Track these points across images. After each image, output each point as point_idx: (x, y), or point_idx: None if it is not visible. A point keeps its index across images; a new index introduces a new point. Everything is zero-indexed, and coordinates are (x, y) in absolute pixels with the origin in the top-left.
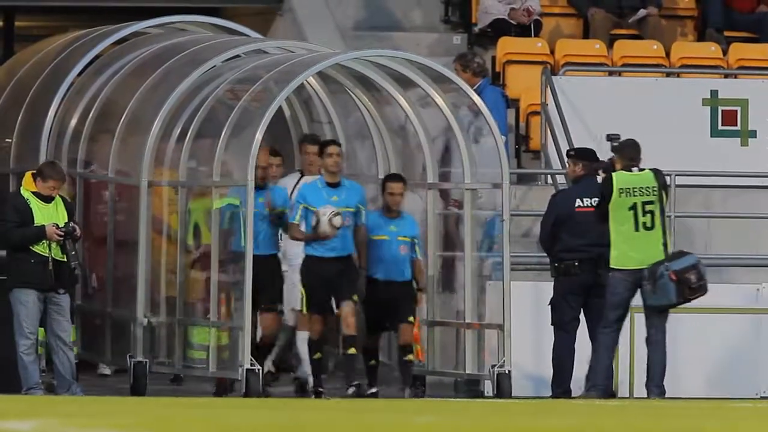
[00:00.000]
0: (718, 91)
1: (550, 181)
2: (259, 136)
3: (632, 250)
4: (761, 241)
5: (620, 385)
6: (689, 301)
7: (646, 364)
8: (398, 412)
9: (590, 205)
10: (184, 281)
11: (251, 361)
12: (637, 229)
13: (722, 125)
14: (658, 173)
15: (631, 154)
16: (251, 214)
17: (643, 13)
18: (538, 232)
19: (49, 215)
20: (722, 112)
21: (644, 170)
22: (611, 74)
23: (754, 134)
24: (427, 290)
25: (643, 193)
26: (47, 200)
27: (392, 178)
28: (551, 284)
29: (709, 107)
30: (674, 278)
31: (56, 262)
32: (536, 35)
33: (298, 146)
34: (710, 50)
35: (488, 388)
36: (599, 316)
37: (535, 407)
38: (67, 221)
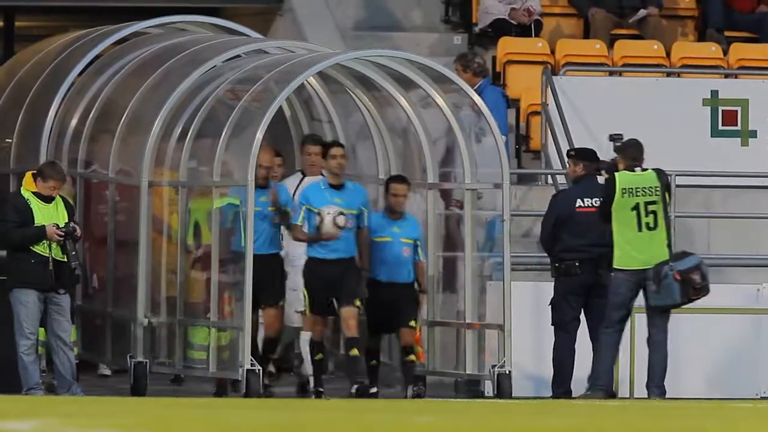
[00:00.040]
0: (718, 91)
1: (550, 181)
2: (259, 135)
3: (635, 250)
4: (761, 241)
5: (620, 385)
6: (693, 301)
7: (647, 364)
8: (398, 412)
9: (591, 205)
10: (184, 281)
11: (251, 361)
12: (640, 229)
13: (722, 125)
14: (660, 173)
15: (633, 154)
16: (251, 214)
17: (643, 13)
18: (538, 232)
19: (49, 215)
20: (722, 112)
21: (647, 170)
22: (612, 74)
23: (754, 134)
24: (427, 291)
25: (645, 193)
26: (47, 200)
27: (396, 179)
28: (551, 284)
29: (709, 107)
30: (678, 278)
31: (56, 262)
32: (537, 35)
33: (299, 146)
34: (711, 50)
35: (488, 388)
36: (600, 316)
37: (535, 407)
38: (67, 221)
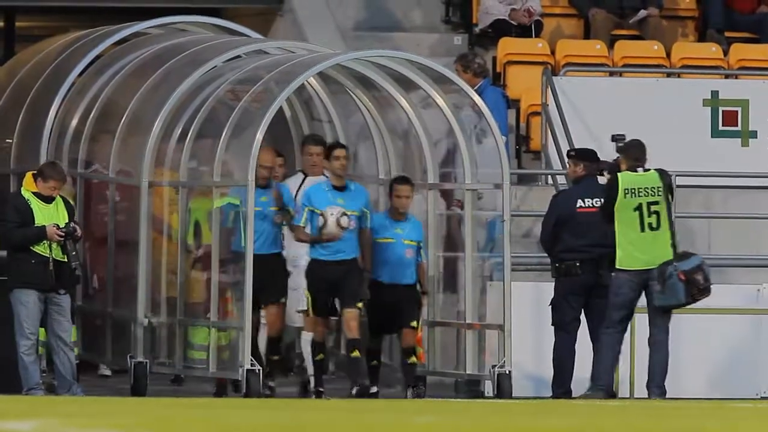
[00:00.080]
0: (718, 91)
1: (550, 181)
2: (259, 136)
3: (637, 250)
4: (762, 241)
5: (621, 385)
6: (696, 301)
7: (647, 364)
8: (398, 412)
9: (591, 205)
10: (184, 281)
11: (251, 361)
12: (642, 229)
13: (723, 126)
14: (663, 173)
15: (636, 154)
16: (251, 214)
17: (643, 14)
18: (538, 232)
19: (49, 215)
20: (723, 112)
21: (649, 170)
22: (612, 75)
23: (754, 135)
24: (429, 292)
25: (648, 193)
26: (48, 200)
27: (400, 180)
28: (552, 284)
29: (709, 108)
30: (683, 278)
31: (57, 262)
32: (537, 36)
33: (300, 147)
34: (711, 51)
35: (489, 388)
36: (600, 316)
37: (535, 407)
38: (67, 221)
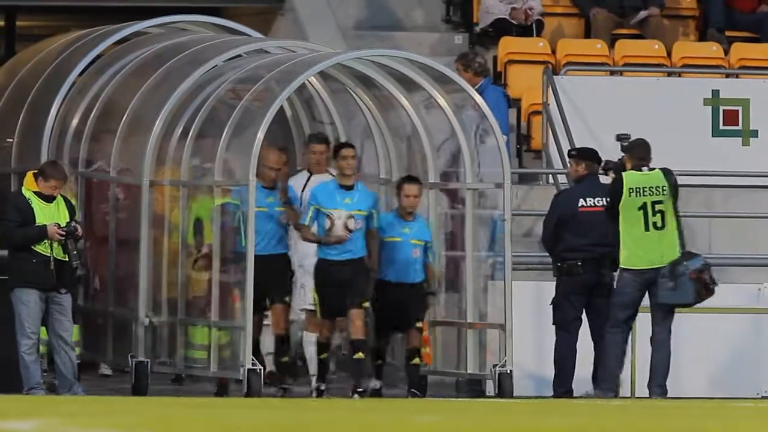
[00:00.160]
0: (719, 90)
1: (551, 180)
2: (260, 135)
3: (642, 250)
4: (762, 240)
5: (622, 384)
6: (702, 301)
7: (648, 363)
8: (400, 411)
9: (593, 204)
10: (185, 281)
11: (252, 360)
12: (647, 228)
13: (723, 125)
14: (668, 173)
15: (641, 153)
16: (252, 214)
17: (644, 14)
18: (539, 231)
19: (50, 215)
20: (723, 111)
21: (654, 170)
22: (613, 74)
23: (755, 134)
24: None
25: (653, 192)
26: (49, 200)
27: (408, 180)
28: (553, 284)
29: (710, 107)
30: (693, 277)
31: (58, 261)
32: (538, 35)
33: (302, 146)
34: (711, 50)
35: (490, 387)
36: (602, 316)
37: (536, 407)
38: (68, 221)
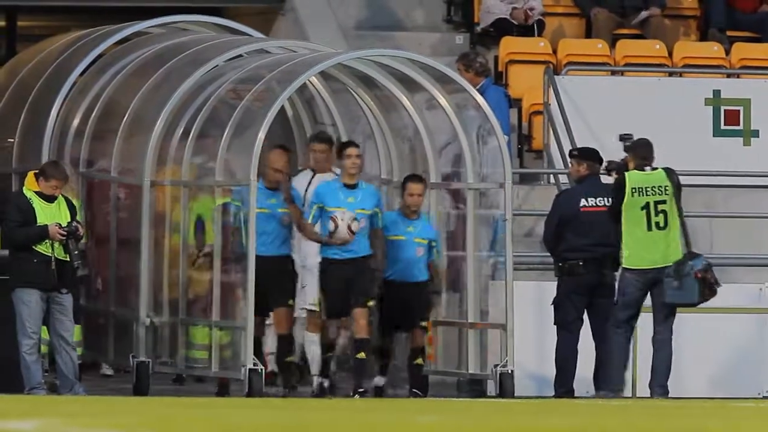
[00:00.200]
0: (720, 90)
1: (552, 180)
2: (261, 135)
3: (644, 250)
4: (764, 240)
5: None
6: (706, 301)
7: (650, 363)
8: (401, 411)
9: (595, 204)
10: (186, 281)
11: (253, 360)
12: (649, 228)
13: (725, 125)
14: (670, 172)
15: (643, 153)
16: (253, 214)
17: (645, 14)
18: (541, 231)
19: (51, 215)
20: (725, 111)
21: (657, 169)
22: (614, 74)
23: (756, 134)
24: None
25: (655, 192)
26: (50, 200)
27: (412, 178)
28: (554, 284)
29: (711, 107)
30: (699, 277)
31: (59, 261)
32: (539, 35)
33: (303, 145)
34: (713, 50)
35: (491, 387)
36: (604, 316)
37: (537, 407)
38: (69, 221)
